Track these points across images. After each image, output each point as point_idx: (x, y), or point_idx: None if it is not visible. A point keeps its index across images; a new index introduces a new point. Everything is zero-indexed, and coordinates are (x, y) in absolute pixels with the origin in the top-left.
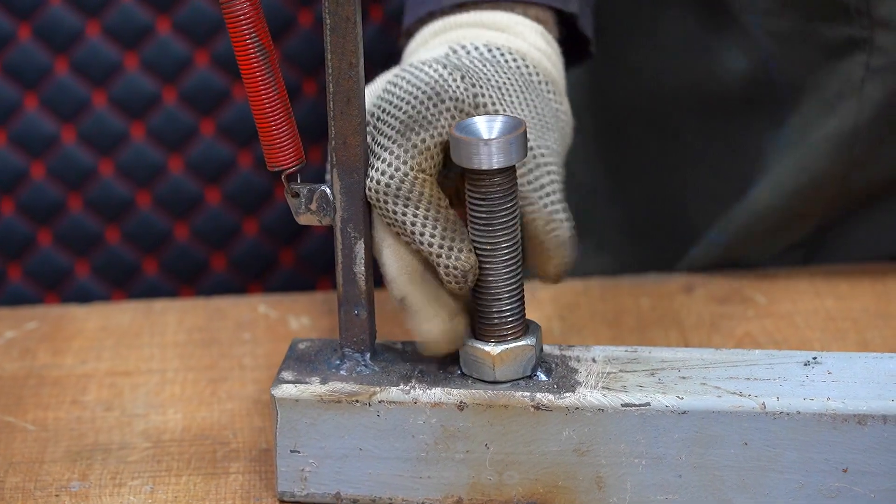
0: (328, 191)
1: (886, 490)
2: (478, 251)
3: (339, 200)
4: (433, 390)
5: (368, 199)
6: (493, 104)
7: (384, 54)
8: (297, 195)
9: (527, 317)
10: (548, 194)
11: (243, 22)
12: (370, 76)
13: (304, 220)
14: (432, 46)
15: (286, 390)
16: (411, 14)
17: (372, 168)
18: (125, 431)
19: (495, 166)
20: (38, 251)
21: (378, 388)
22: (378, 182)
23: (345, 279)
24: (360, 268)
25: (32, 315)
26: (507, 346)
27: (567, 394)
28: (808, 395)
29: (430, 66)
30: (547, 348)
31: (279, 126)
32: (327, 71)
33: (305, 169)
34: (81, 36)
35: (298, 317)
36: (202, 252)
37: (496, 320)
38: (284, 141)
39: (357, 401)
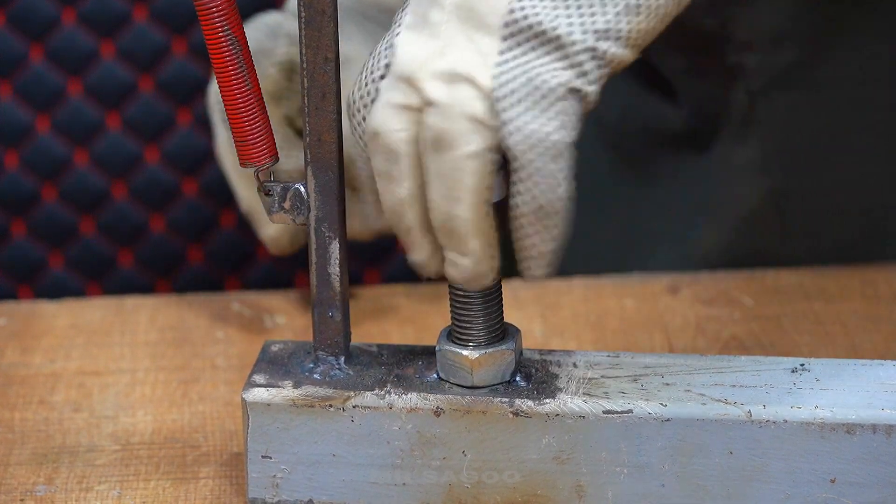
0: (302, 189)
1: (875, 501)
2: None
3: (314, 199)
4: (409, 395)
5: (220, 120)
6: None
7: None
8: (269, 193)
9: (507, 318)
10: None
11: (215, 14)
12: None
13: (277, 219)
14: None
15: (258, 394)
16: None
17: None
18: (93, 433)
19: None
20: (12, 243)
21: (352, 393)
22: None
23: (319, 280)
24: (335, 268)
25: (1, 311)
26: (485, 350)
27: (547, 400)
28: (795, 403)
29: (268, 14)
30: (527, 352)
31: (252, 122)
32: (301, 65)
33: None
34: (56, 24)
35: (273, 315)
36: (178, 245)
37: (473, 325)
38: (257, 137)
39: (331, 405)
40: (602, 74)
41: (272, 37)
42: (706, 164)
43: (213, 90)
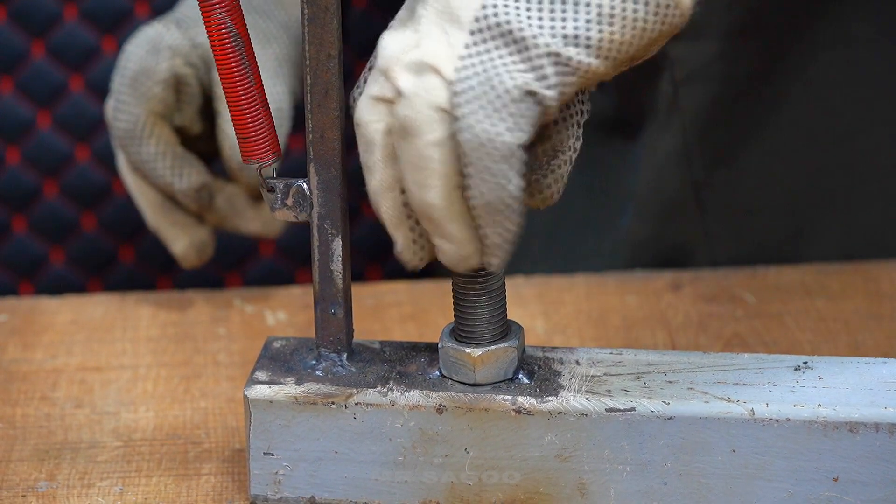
0: (305, 186)
1: (878, 500)
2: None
3: (317, 196)
4: (411, 392)
5: (117, 144)
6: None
7: (368, 42)
8: (272, 190)
9: (509, 315)
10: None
11: (218, 10)
12: (352, 65)
13: (280, 215)
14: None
15: (260, 391)
16: None
17: (115, 119)
18: (95, 430)
19: None
20: (13, 239)
21: (355, 390)
22: (120, 130)
23: (321, 277)
24: (338, 265)
25: (2, 307)
26: (488, 348)
27: (549, 398)
28: (798, 402)
29: (150, 26)
30: (529, 350)
31: (255, 118)
32: (305, 62)
33: (282, 161)
34: (58, 20)
35: (275, 312)
36: None
37: (476, 322)
38: (260, 134)
39: (333, 403)
40: (566, 81)
41: (154, 53)
42: (634, 153)
43: (110, 106)
